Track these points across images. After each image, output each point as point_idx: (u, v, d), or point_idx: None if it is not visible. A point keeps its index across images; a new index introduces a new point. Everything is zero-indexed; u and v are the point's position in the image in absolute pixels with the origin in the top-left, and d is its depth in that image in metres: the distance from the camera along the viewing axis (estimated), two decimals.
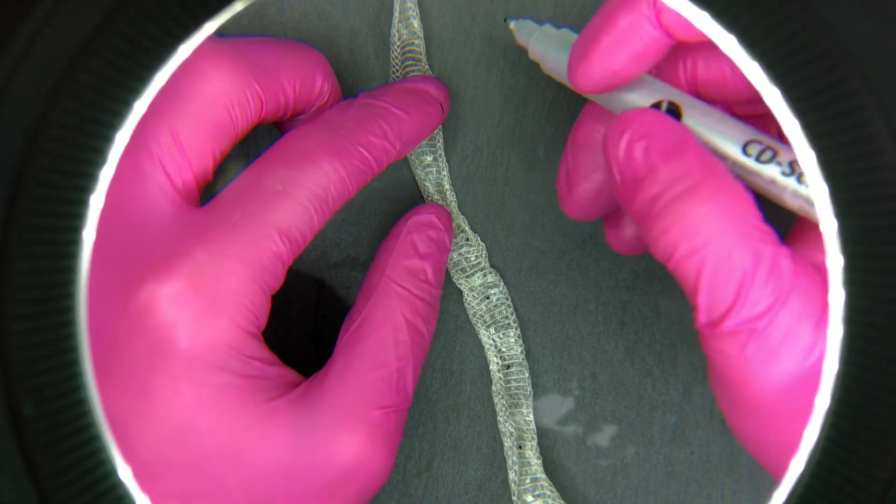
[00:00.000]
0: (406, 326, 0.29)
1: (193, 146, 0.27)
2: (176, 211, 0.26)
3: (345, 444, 0.27)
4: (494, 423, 0.33)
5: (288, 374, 0.28)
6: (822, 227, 0.19)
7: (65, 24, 0.18)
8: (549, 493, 0.32)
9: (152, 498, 0.21)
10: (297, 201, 0.27)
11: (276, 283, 0.27)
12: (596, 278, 0.32)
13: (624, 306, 0.32)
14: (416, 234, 0.30)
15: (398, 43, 0.32)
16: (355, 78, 0.33)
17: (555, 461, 0.33)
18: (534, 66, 0.32)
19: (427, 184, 0.32)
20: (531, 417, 0.32)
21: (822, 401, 0.20)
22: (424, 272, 0.30)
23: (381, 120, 0.29)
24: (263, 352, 0.27)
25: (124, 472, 0.20)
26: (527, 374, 0.33)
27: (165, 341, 0.25)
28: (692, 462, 0.32)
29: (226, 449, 0.26)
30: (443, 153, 0.33)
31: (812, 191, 0.20)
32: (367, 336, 0.28)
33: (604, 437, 0.32)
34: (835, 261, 0.19)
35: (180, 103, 0.27)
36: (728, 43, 0.19)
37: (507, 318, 0.33)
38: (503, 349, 0.33)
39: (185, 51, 0.19)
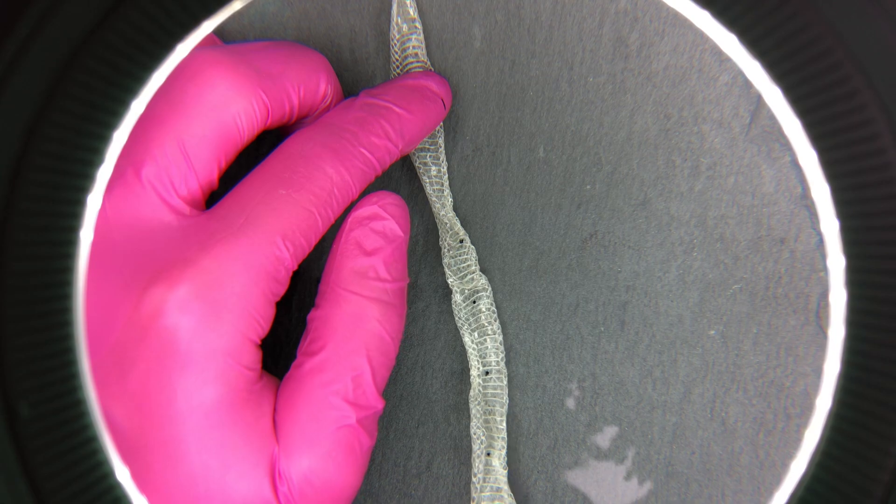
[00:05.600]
0: (358, 334, 0.28)
1: (199, 155, 0.27)
2: (181, 218, 0.26)
3: (303, 469, 0.27)
4: None
5: (267, 384, 0.27)
6: (823, 227, 0.19)
7: (62, 22, 0.18)
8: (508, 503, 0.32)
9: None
10: (300, 205, 0.26)
11: (281, 288, 0.27)
12: (596, 278, 0.32)
13: (624, 306, 0.32)
14: (358, 230, 0.29)
15: (398, 37, 0.32)
16: (356, 77, 0.33)
17: (555, 462, 0.33)
18: (533, 66, 0.32)
19: (426, 178, 0.32)
20: (504, 426, 0.32)
21: (823, 401, 0.20)
22: (374, 270, 0.28)
23: (383, 120, 0.29)
24: (257, 363, 0.27)
25: (122, 474, 0.20)
26: (504, 382, 0.32)
27: (167, 346, 0.25)
28: (692, 463, 0.32)
29: (211, 468, 0.26)
30: (443, 150, 0.32)
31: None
32: (317, 352, 0.28)
33: (604, 437, 0.32)
34: (835, 261, 0.19)
35: (186, 113, 0.27)
36: (728, 43, 0.19)
37: (490, 325, 0.32)
38: (483, 355, 0.32)
39: (183, 50, 0.19)
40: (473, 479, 0.32)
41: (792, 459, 0.20)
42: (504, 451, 0.32)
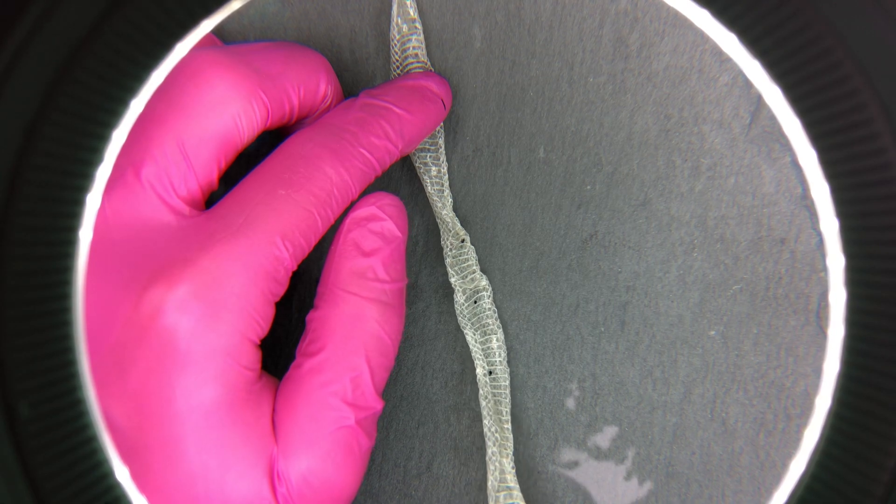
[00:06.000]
0: (357, 335, 0.28)
1: (199, 156, 0.27)
2: (180, 218, 0.26)
3: (302, 470, 0.27)
4: None
5: (266, 385, 0.28)
6: (823, 227, 0.19)
7: (62, 22, 0.18)
8: (519, 502, 0.32)
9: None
10: (300, 205, 0.26)
11: (280, 288, 0.27)
12: (596, 279, 0.32)
13: (624, 307, 0.32)
14: (356, 231, 0.29)
15: (398, 37, 0.32)
16: (356, 78, 0.33)
17: (555, 461, 0.33)
18: (533, 66, 0.32)
19: (427, 178, 0.32)
20: (509, 426, 0.32)
21: (824, 402, 0.19)
22: (372, 270, 0.28)
23: (383, 120, 0.29)
24: (256, 364, 0.27)
25: (121, 473, 0.20)
26: (507, 382, 0.32)
27: (166, 346, 0.25)
28: (693, 463, 0.32)
29: (210, 468, 0.26)
30: (443, 150, 0.32)
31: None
32: (316, 353, 0.28)
33: (604, 437, 0.32)
34: (835, 261, 0.19)
35: (186, 113, 0.27)
36: (728, 42, 0.19)
37: (491, 325, 0.32)
38: (487, 355, 0.32)
39: (182, 49, 0.19)
40: (490, 478, 0.32)
41: (792, 460, 0.20)
42: (511, 451, 0.32)
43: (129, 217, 0.26)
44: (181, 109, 0.27)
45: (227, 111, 0.27)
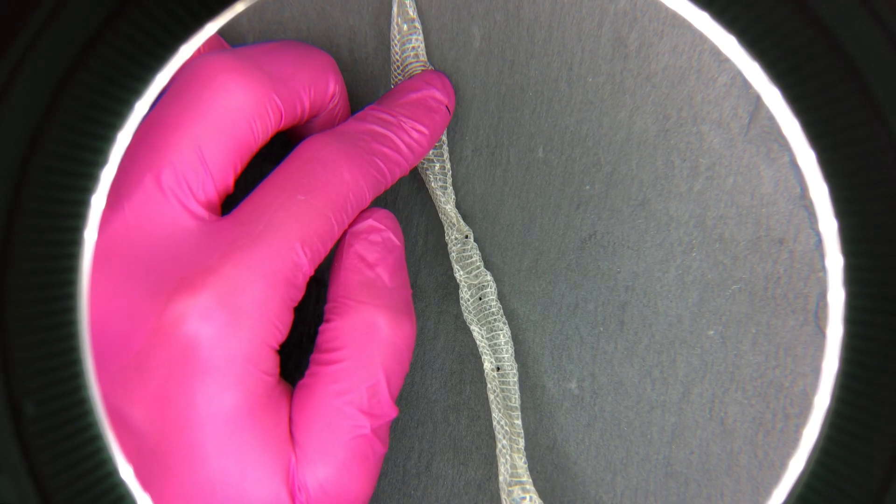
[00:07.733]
0: (372, 343, 0.28)
1: (216, 160, 0.27)
2: (201, 224, 0.27)
3: (319, 478, 0.27)
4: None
5: (284, 390, 0.28)
6: (821, 227, 0.20)
7: (67, 23, 0.18)
8: (534, 495, 0.32)
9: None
10: (318, 211, 0.27)
11: (299, 294, 0.27)
12: (595, 279, 0.32)
13: (623, 307, 0.32)
14: (358, 244, 0.29)
15: (398, 37, 0.32)
16: (356, 77, 0.33)
17: (554, 461, 0.33)
18: (532, 66, 0.32)
19: (430, 174, 0.33)
20: (519, 421, 0.32)
21: (822, 401, 0.20)
22: (380, 279, 0.29)
23: (395, 136, 0.29)
24: (275, 369, 0.27)
25: (126, 472, 0.20)
26: (515, 378, 0.32)
27: (188, 353, 0.25)
28: (691, 462, 0.32)
29: (230, 474, 0.26)
30: (447, 147, 0.33)
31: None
32: (332, 362, 0.28)
33: (603, 437, 0.32)
34: (835, 261, 0.19)
35: (202, 119, 0.27)
36: (728, 43, 0.19)
37: (497, 319, 0.32)
38: (495, 350, 0.33)
39: (186, 51, 0.19)
40: (502, 471, 0.32)
41: (791, 459, 0.20)
42: (522, 445, 0.32)
43: (150, 223, 0.26)
44: (197, 115, 0.27)
45: (243, 116, 0.27)
